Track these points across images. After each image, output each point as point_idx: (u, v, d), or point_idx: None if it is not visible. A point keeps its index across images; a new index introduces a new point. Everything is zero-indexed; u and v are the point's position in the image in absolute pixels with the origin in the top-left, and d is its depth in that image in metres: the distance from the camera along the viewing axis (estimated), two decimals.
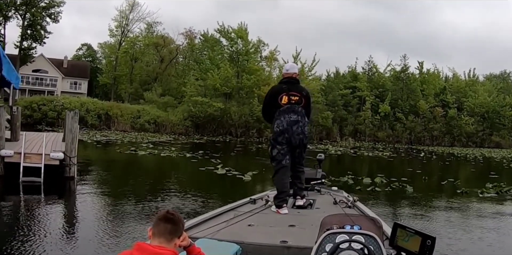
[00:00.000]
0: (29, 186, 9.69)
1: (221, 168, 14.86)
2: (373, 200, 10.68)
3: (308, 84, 47.44)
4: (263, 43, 50.92)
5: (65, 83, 63.97)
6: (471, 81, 58.64)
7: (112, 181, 11.89)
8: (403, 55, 55.33)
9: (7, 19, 50.83)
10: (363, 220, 3.15)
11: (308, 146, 5.96)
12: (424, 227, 7.59)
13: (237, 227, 4.28)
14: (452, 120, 52.42)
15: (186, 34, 59.63)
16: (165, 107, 46.59)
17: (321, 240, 2.73)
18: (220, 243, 3.52)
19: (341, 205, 5.26)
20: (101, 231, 6.51)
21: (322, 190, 6.27)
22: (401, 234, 2.64)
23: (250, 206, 5.24)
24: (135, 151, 19.91)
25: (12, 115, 13.56)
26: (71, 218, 7.70)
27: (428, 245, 2.50)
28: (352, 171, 16.24)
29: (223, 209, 5.02)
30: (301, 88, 5.48)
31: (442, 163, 26.45)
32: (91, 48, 75.64)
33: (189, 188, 11.08)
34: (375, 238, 2.67)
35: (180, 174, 15.27)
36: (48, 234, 6.18)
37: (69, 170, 10.52)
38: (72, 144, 10.67)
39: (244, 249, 3.55)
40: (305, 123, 5.36)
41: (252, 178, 13.28)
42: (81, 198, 9.33)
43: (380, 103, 52.37)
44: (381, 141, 49.78)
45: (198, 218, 4.49)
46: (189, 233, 3.73)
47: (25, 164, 9.99)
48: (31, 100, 40.42)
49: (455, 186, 13.84)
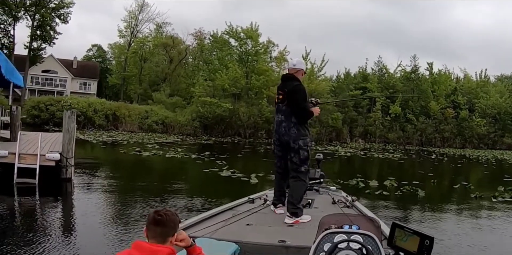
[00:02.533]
0: (23, 188, 9.36)
1: (226, 170, 14.44)
2: (382, 205, 10.17)
3: (317, 84, 47.13)
4: (272, 43, 50.55)
5: (74, 84, 64.10)
6: (482, 82, 57.67)
7: (111, 183, 11.46)
8: (413, 56, 54.61)
9: (17, 20, 51.13)
10: (362, 220, 3.17)
11: (312, 147, 5.37)
12: (441, 236, 7.13)
13: (236, 226, 4.31)
14: (464, 122, 51.54)
15: (196, 35, 59.44)
16: (174, 107, 46.27)
17: (319, 240, 2.76)
18: (218, 242, 3.55)
19: (339, 205, 5.25)
20: (96, 235, 6.26)
21: (321, 190, 6.23)
22: (400, 234, 2.63)
23: (249, 206, 5.24)
24: (139, 152, 19.54)
25: (11, 114, 13.27)
26: (65, 221, 7.33)
27: (427, 245, 2.51)
28: (362, 173, 15.81)
29: (222, 208, 5.03)
30: (287, 85, 4.96)
31: (454, 165, 25.83)
32: (101, 48, 75.84)
33: (189, 191, 10.70)
34: (373, 238, 2.70)
35: (182, 176, 14.77)
36: (40, 238, 5.89)
37: (65, 171, 10.15)
38: (69, 144, 10.30)
39: (243, 249, 3.60)
40: (290, 123, 4.85)
41: (258, 181, 12.74)
42: (77, 201, 9.02)
43: (390, 104, 51.63)
44: (391, 143, 49.04)
45: (197, 217, 4.51)
46: (187, 232, 3.88)
47: (19, 165, 9.67)
48: (39, 100, 40.29)
49: (468, 190, 13.29)
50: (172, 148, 22.73)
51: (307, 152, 4.90)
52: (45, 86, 61.11)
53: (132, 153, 19.21)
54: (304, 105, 4.92)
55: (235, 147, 31.12)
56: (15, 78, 12.27)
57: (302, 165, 4.87)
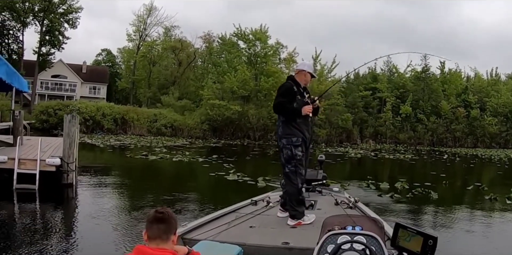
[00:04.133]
0: (23, 194, 9.14)
1: (233, 173, 14.12)
2: (394, 209, 9.81)
3: (327, 86, 46.73)
4: (281, 45, 50.27)
5: (84, 88, 64.36)
6: (493, 80, 57.02)
7: (115, 188, 11.19)
8: (424, 55, 53.88)
9: (26, 26, 51.26)
10: (365, 220, 3.14)
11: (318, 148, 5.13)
12: (458, 241, 6.80)
13: (239, 228, 4.31)
14: (475, 121, 50.87)
15: (205, 38, 59.29)
16: (182, 110, 46.15)
17: (322, 241, 2.74)
18: (221, 245, 3.56)
19: (342, 206, 5.28)
20: (96, 243, 6.08)
21: (323, 191, 6.22)
22: (403, 234, 2.60)
23: (252, 208, 5.24)
24: (146, 156, 19.30)
25: (14, 119, 13.10)
26: (64, 228, 7.06)
27: (430, 245, 2.47)
28: (372, 175, 15.45)
29: (225, 211, 5.01)
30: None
31: (467, 165, 25.33)
32: (111, 53, 76.17)
33: (193, 197, 10.37)
34: (376, 239, 2.69)
35: (187, 180, 14.48)
36: (38, 246, 5.68)
37: (66, 176, 9.92)
38: (70, 149, 10.07)
39: (246, 251, 3.59)
40: (279, 122, 4.92)
41: (265, 184, 12.33)
42: (78, 207, 8.78)
43: (401, 104, 51.06)
44: (402, 143, 48.40)
45: (200, 220, 4.51)
46: (190, 235, 4.03)
47: (19, 170, 9.45)
48: (47, 104, 40.37)
49: (482, 192, 12.85)
50: (180, 152, 22.49)
51: (291, 152, 4.75)
52: (55, 91, 61.39)
53: (138, 157, 18.98)
54: (276, 102, 4.82)
55: (244, 149, 30.84)
56: (16, 82, 12.09)
57: (286, 165, 4.81)
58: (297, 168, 4.75)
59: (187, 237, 4.03)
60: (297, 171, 4.76)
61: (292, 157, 4.73)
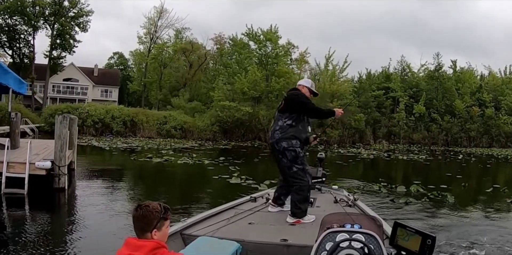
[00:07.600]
0: (11, 199, 8.62)
1: (237, 176, 13.50)
2: (408, 215, 9.10)
3: (339, 86, 46.07)
4: (292, 45, 49.67)
5: (96, 91, 64.51)
6: (507, 78, 55.89)
7: (111, 192, 10.63)
8: (436, 53, 52.84)
9: (37, 30, 51.41)
10: (364, 219, 3.14)
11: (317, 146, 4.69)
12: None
13: (238, 225, 4.33)
14: (490, 120, 49.75)
15: (216, 39, 58.87)
16: (193, 112, 45.66)
17: (321, 239, 2.75)
18: (220, 241, 3.54)
19: (341, 204, 5.31)
20: (87, 250, 5.72)
21: (323, 189, 6.23)
22: (402, 233, 2.61)
23: (251, 205, 5.24)
24: (150, 158, 18.76)
25: (11, 122, 12.65)
26: (53, 235, 6.54)
27: (428, 244, 2.46)
28: (385, 177, 14.77)
29: (224, 207, 5.00)
30: (288, 94, 5.24)
31: (483, 166, 24.47)
32: (123, 56, 76.31)
33: (191, 200, 9.84)
34: (375, 237, 2.67)
35: (187, 183, 13.92)
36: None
37: (58, 180, 9.41)
38: (61, 152, 9.56)
39: (245, 247, 3.59)
40: (276, 126, 4.98)
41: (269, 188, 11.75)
42: (69, 213, 8.25)
43: (414, 103, 50.11)
44: (416, 143, 47.43)
45: (199, 216, 4.49)
46: (189, 231, 4.03)
47: (7, 174, 8.95)
48: (56, 108, 40.10)
49: (503, 194, 12.09)
50: (187, 154, 21.95)
51: (295, 152, 4.87)
52: (67, 94, 61.56)
53: (142, 160, 18.44)
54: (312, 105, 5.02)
55: (253, 151, 30.24)
56: (12, 82, 11.67)
57: (293, 165, 4.93)
58: (304, 165, 4.87)
59: (186, 233, 4.01)
60: (305, 168, 4.87)
61: (297, 156, 4.83)
